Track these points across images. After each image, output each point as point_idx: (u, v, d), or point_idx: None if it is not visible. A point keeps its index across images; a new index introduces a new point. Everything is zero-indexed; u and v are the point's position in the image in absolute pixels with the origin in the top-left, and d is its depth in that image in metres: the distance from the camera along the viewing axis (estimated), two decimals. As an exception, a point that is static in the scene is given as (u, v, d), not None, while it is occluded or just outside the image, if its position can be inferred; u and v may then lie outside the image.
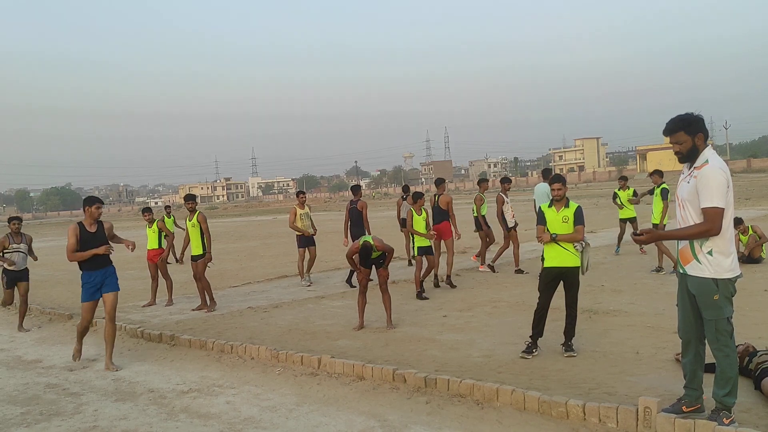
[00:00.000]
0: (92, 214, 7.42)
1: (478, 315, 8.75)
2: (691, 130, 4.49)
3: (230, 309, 10.33)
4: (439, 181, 12.26)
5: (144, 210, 12.01)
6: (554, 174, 7.83)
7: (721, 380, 4.45)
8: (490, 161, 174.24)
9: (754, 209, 23.13)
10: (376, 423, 5.16)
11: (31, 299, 12.47)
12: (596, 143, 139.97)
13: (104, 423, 5.59)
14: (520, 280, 11.36)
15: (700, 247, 4.44)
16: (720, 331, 4.42)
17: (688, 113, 4.57)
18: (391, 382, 5.97)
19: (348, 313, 9.24)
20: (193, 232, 10.34)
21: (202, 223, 10.28)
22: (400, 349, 7.15)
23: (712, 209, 4.33)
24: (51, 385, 6.91)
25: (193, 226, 10.33)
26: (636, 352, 6.45)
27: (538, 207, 7.24)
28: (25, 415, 5.95)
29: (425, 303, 9.79)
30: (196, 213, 10.38)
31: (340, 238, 13.51)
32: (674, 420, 4.40)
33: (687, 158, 4.57)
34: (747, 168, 76.90)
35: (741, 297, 8.59)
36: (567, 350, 6.54)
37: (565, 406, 4.91)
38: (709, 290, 4.41)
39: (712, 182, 4.34)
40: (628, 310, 8.32)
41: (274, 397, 5.95)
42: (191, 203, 10.60)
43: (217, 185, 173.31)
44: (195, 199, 10.79)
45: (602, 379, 5.71)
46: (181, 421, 5.53)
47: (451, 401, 5.45)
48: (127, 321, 9.55)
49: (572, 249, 6.56)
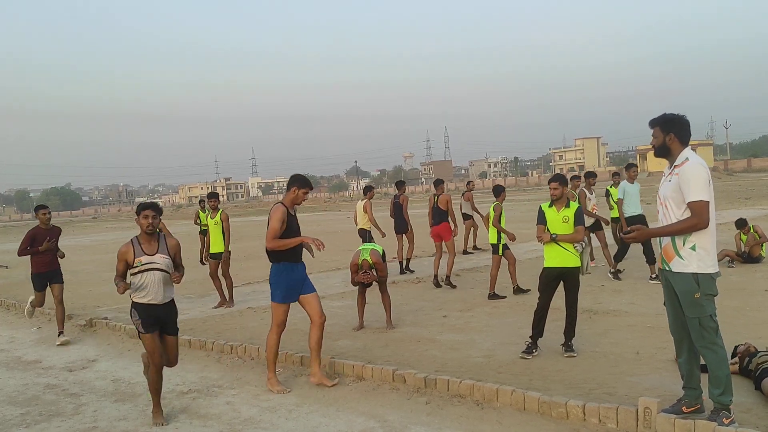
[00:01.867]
0: (298, 198, 6.32)
1: (478, 315, 8.74)
2: (665, 128, 4.64)
3: (230, 309, 10.33)
4: (438, 182, 12.35)
5: None
6: (554, 173, 7.80)
7: (713, 379, 4.47)
8: (490, 161, 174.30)
9: (755, 209, 23.11)
10: (376, 423, 5.15)
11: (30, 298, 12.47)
12: (596, 143, 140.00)
13: (104, 423, 5.59)
14: (520, 280, 11.33)
15: (683, 243, 4.48)
16: (705, 328, 4.44)
17: (671, 114, 4.69)
18: (391, 383, 5.97)
19: (348, 314, 9.23)
20: (215, 230, 10.54)
21: (224, 221, 10.49)
22: (400, 350, 7.14)
23: (698, 203, 4.39)
24: (50, 385, 6.91)
25: (215, 224, 10.54)
26: (636, 352, 6.44)
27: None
28: (24, 415, 5.95)
29: (425, 303, 9.77)
30: (219, 211, 10.58)
31: (339, 238, 13.51)
32: (674, 420, 4.39)
33: (658, 153, 4.74)
34: (747, 168, 76.92)
35: (741, 297, 8.63)
36: (567, 350, 6.54)
37: (565, 407, 4.91)
38: (691, 288, 4.45)
39: (694, 177, 4.42)
40: (628, 310, 8.31)
41: (274, 398, 5.95)
42: (214, 201, 10.77)
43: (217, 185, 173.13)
44: (218, 197, 10.98)
45: (602, 379, 5.71)
46: (181, 421, 5.53)
47: (451, 402, 5.45)
48: (127, 321, 9.53)
49: (572, 249, 6.55)
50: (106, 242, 31.18)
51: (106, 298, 12.16)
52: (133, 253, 5.45)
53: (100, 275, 16.58)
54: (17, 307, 11.59)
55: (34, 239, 8.95)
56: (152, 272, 5.43)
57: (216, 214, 10.56)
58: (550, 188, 6.72)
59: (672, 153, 4.64)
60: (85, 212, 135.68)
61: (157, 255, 5.48)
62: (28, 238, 8.97)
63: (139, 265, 5.42)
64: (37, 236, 8.97)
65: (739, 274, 10.48)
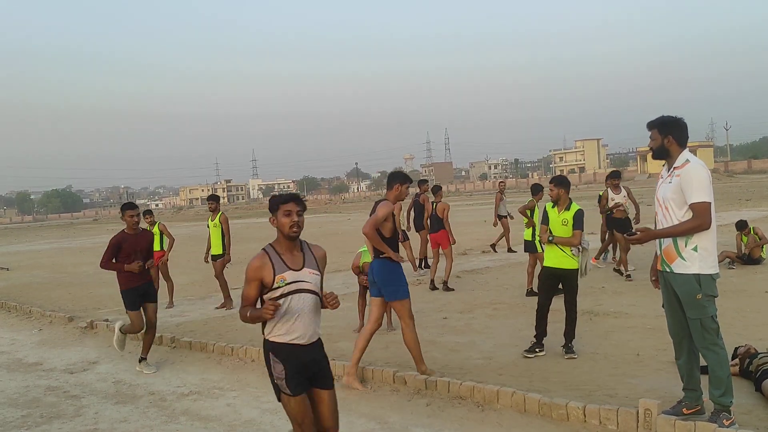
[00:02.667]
0: (402, 194, 6.25)
1: (478, 317, 8.74)
2: (663, 131, 4.65)
3: (231, 311, 10.33)
4: (436, 189, 12.20)
5: (145, 212, 12.04)
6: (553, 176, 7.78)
7: (714, 380, 4.48)
8: (490, 162, 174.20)
9: (756, 210, 23.09)
10: (376, 425, 5.16)
11: (32, 300, 12.50)
12: (597, 144, 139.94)
13: (105, 426, 5.59)
14: (520, 281, 11.34)
15: (685, 244, 4.49)
16: (706, 329, 4.45)
17: (669, 116, 4.71)
18: (392, 384, 5.97)
19: (348, 315, 9.23)
20: (215, 232, 10.59)
21: (223, 223, 10.52)
22: (401, 351, 7.13)
23: (701, 204, 4.40)
24: (51, 387, 6.92)
25: (215, 226, 10.59)
26: (637, 353, 6.44)
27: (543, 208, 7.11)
28: (25, 417, 5.96)
29: (425, 305, 9.77)
30: (219, 213, 10.63)
31: (340, 240, 13.51)
32: (675, 422, 4.40)
33: (657, 155, 4.74)
34: (748, 169, 76.91)
35: (741, 298, 8.63)
36: (567, 352, 6.54)
37: (566, 408, 4.91)
38: (692, 289, 4.46)
39: (696, 178, 4.44)
40: (629, 312, 8.31)
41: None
42: (213, 203, 10.82)
43: (218, 187, 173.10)
44: (218, 200, 11.03)
45: (603, 381, 5.71)
46: (182, 423, 5.54)
47: (452, 403, 5.45)
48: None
49: (569, 252, 6.57)
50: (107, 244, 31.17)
51: (107, 300, 12.17)
52: (272, 268, 3.79)
53: (101, 277, 16.56)
54: (18, 309, 11.59)
55: (120, 248, 7.30)
56: (301, 295, 3.80)
57: (215, 216, 10.61)
58: (549, 189, 6.79)
59: (670, 155, 4.65)
60: (86, 214, 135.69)
61: (305, 270, 3.85)
62: (112, 247, 7.31)
63: (281, 285, 3.77)
64: (123, 244, 7.29)
65: (740, 275, 10.48)
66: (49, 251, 27.85)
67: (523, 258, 13.92)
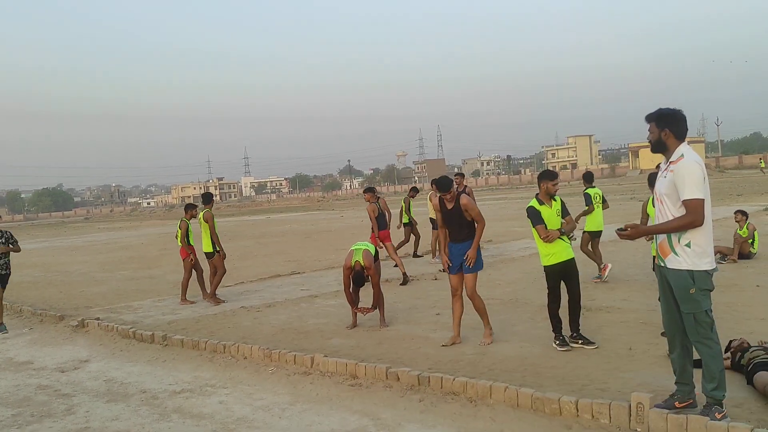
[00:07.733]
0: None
1: (471, 313, 8.73)
2: (660, 124, 4.62)
3: (223, 309, 10.30)
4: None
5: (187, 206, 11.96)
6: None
7: (707, 374, 4.48)
8: (482, 159, 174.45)
9: (747, 205, 23.19)
10: (369, 421, 5.15)
11: (22, 299, 12.43)
12: (589, 141, 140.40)
13: (96, 424, 5.56)
14: (512, 278, 11.36)
15: (678, 240, 4.48)
16: (700, 323, 4.45)
17: (667, 108, 4.67)
18: (385, 381, 5.96)
19: (341, 312, 9.22)
20: (203, 232, 11.07)
21: (207, 221, 10.93)
22: (394, 348, 7.14)
23: (693, 201, 4.38)
24: (42, 386, 6.87)
25: (201, 226, 11.09)
26: (629, 348, 6.46)
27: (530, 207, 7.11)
28: (16, 416, 5.92)
29: (418, 301, 9.77)
30: (201, 213, 11.11)
31: (333, 237, 13.47)
32: (667, 415, 4.40)
33: (654, 149, 4.73)
34: (739, 164, 77.19)
35: (733, 293, 8.66)
36: (579, 338, 6.61)
37: (558, 403, 4.91)
38: (686, 284, 4.45)
39: (688, 175, 4.41)
40: (621, 307, 8.33)
41: (267, 397, 5.93)
42: (192, 211, 11.51)
43: (210, 185, 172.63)
44: (195, 207, 11.69)
45: (595, 375, 5.72)
46: (174, 421, 5.51)
47: (445, 399, 5.45)
48: (119, 321, 9.50)
49: (567, 239, 6.70)
50: (98, 243, 31.09)
51: (99, 299, 12.10)
52: None
53: (93, 276, 16.52)
54: (9, 308, 11.51)
55: None
56: None
57: (199, 215, 11.13)
58: (550, 185, 6.76)
59: (668, 148, 4.61)
60: (77, 213, 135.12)
61: None
62: None
63: None
64: None
65: (731, 270, 10.52)
66: (40, 250, 27.69)
67: (516, 254, 13.93)
